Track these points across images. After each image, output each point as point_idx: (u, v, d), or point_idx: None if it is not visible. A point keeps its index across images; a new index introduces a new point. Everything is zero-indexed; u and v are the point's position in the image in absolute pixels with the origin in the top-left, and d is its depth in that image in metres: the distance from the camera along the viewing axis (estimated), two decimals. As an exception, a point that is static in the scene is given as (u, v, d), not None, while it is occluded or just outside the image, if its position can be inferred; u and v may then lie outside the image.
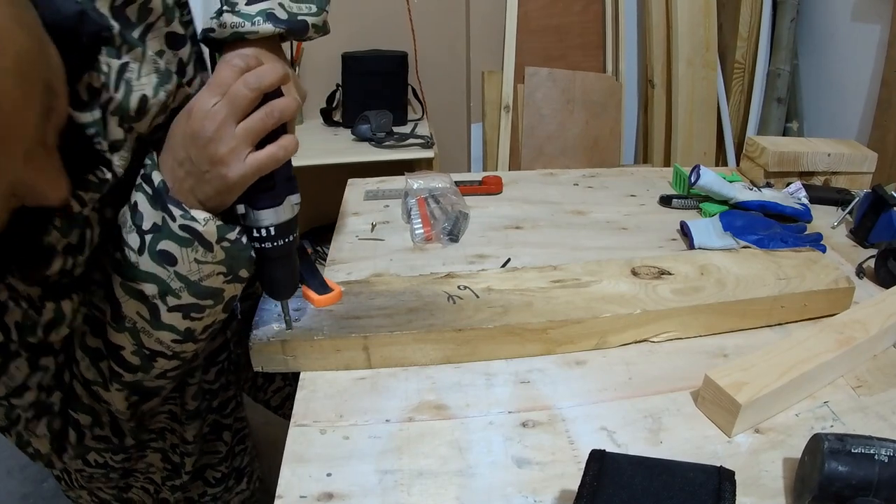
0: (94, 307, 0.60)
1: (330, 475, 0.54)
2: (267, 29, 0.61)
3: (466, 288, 0.73)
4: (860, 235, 0.95)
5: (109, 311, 0.59)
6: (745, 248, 0.88)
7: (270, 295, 0.65)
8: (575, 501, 0.45)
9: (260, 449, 1.03)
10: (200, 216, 0.53)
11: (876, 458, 0.46)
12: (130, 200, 0.55)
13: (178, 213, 0.53)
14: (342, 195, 1.13)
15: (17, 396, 0.56)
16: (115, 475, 0.79)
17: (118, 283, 0.57)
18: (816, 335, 0.65)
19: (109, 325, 0.59)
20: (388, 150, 1.91)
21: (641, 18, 2.24)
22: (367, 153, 1.89)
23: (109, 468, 0.76)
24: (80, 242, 0.55)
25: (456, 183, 1.09)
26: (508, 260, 0.89)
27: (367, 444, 0.58)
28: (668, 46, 2.17)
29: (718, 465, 0.47)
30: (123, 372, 0.61)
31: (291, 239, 0.60)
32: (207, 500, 0.90)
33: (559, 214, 1.05)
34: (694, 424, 0.60)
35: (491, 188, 1.12)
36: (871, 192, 0.94)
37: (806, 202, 1.02)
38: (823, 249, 0.89)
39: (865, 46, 1.80)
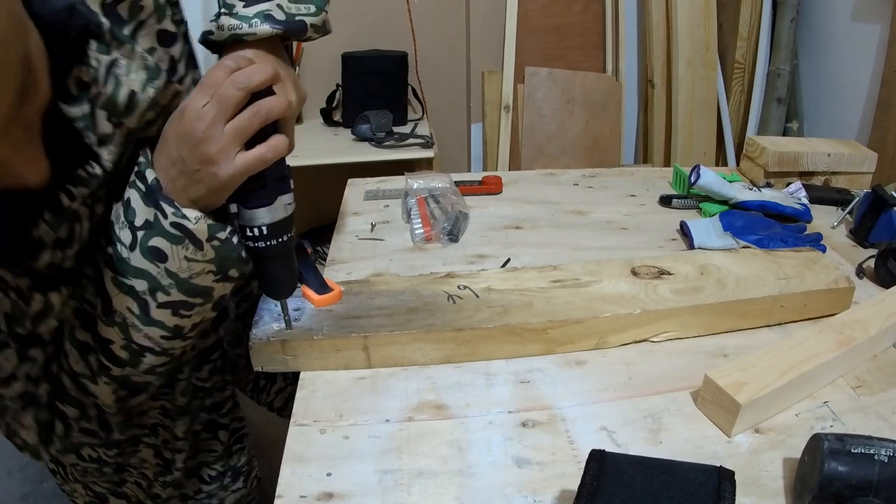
0: (85, 301, 0.61)
1: (330, 475, 0.54)
2: (265, 30, 0.61)
3: (466, 288, 0.73)
4: (860, 235, 0.95)
5: (100, 305, 0.59)
6: (745, 248, 0.88)
7: (268, 294, 0.65)
8: (575, 501, 0.45)
9: (260, 448, 1.03)
10: (192, 214, 0.54)
11: (876, 458, 0.46)
12: (123, 197, 0.56)
13: (169, 210, 0.53)
14: (342, 195, 1.13)
15: (4, 386, 0.57)
16: (108, 469, 0.79)
17: (109, 277, 0.57)
18: (816, 335, 0.65)
19: (99, 318, 0.60)
20: (388, 150, 1.91)
21: (641, 18, 2.24)
22: (367, 153, 1.89)
23: (103, 462, 0.76)
24: (69, 237, 0.56)
25: (456, 183, 1.09)
26: (508, 260, 0.89)
27: (366, 443, 0.58)
28: (668, 46, 2.17)
29: (718, 465, 0.47)
30: (112, 366, 0.62)
31: (286, 238, 0.60)
32: (202, 497, 0.90)
33: (559, 214, 1.05)
34: (694, 424, 0.60)
35: (491, 188, 1.12)
36: (871, 192, 0.94)
37: (806, 202, 1.02)
38: (823, 249, 0.89)
39: (865, 46, 1.80)
